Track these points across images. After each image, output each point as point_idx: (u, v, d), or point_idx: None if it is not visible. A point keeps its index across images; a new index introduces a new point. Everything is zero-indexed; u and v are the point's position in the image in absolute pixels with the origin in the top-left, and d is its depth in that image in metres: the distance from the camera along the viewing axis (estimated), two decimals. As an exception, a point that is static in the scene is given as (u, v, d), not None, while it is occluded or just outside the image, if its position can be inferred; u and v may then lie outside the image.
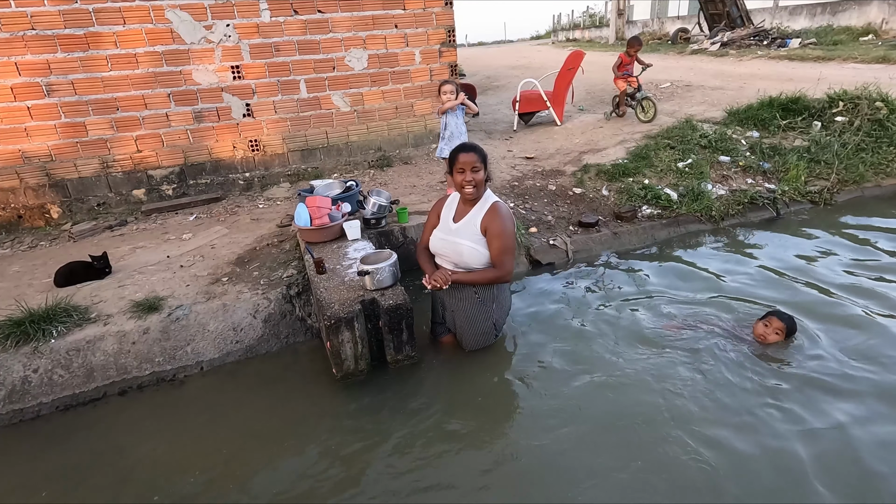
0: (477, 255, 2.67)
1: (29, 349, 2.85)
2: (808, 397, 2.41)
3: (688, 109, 6.91)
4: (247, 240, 4.06)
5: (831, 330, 2.89)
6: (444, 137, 4.42)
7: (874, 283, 3.35)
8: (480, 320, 2.79)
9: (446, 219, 2.81)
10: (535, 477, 2.15)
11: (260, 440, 2.47)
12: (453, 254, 2.73)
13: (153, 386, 2.94)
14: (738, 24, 14.57)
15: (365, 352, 2.70)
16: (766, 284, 3.46)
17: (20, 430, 2.70)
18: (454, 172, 2.66)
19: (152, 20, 4.62)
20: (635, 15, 25.07)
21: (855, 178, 4.95)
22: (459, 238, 2.70)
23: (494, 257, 2.65)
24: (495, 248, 2.64)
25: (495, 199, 2.73)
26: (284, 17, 5.02)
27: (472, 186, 2.62)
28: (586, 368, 2.73)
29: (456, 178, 2.65)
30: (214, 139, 5.17)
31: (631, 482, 2.07)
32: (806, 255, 3.83)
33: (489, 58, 19.99)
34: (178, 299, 3.23)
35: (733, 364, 2.65)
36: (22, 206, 4.76)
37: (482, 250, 2.66)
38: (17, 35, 4.31)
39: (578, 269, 3.89)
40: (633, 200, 4.60)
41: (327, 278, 2.94)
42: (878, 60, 9.19)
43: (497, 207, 2.68)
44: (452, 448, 2.33)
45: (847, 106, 5.77)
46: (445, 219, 2.81)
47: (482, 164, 2.62)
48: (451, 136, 4.37)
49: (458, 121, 4.37)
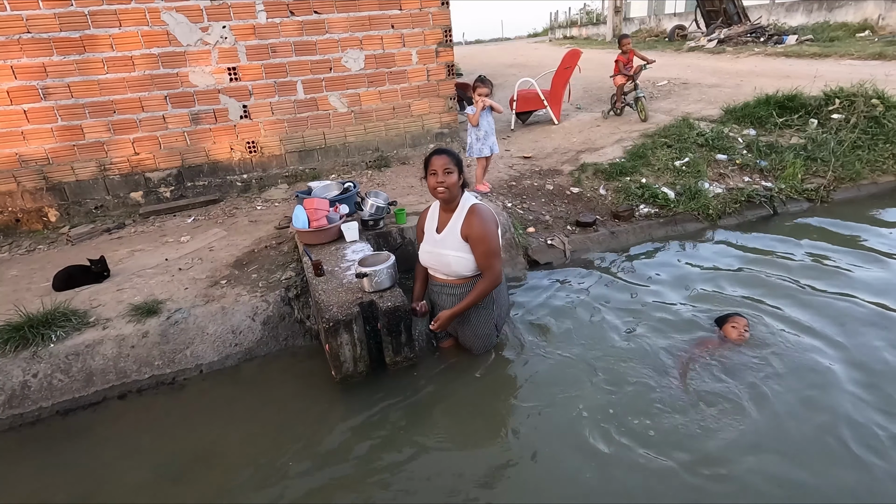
0: (464, 263, 2.66)
1: (28, 354, 2.85)
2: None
3: (685, 107, 6.93)
4: (245, 242, 4.06)
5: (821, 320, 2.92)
6: (478, 137, 4.47)
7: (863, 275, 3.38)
8: (482, 323, 2.79)
9: (430, 230, 2.79)
10: (535, 478, 2.16)
11: (259, 442, 2.48)
12: (442, 265, 2.72)
13: (153, 389, 2.94)
14: (735, 21, 14.59)
15: (364, 354, 2.71)
16: (759, 282, 3.48)
17: (20, 434, 2.70)
18: (427, 175, 2.64)
19: (148, 22, 4.61)
20: (632, 12, 25.03)
21: (851, 176, 4.96)
22: (444, 249, 2.68)
23: (481, 263, 2.62)
24: (480, 253, 2.60)
25: (474, 202, 2.67)
26: (281, 19, 5.01)
27: (445, 188, 2.59)
28: (584, 369, 2.74)
29: (430, 180, 2.62)
30: (212, 141, 5.17)
31: (633, 486, 2.08)
32: (799, 253, 3.84)
33: (486, 56, 19.98)
34: (177, 302, 3.23)
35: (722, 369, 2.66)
36: (19, 210, 4.75)
37: (467, 256, 2.64)
38: (13, 38, 4.30)
39: (576, 268, 3.90)
40: (630, 199, 4.61)
41: (325, 280, 2.94)
42: (874, 57, 9.21)
43: (476, 210, 2.63)
44: (452, 449, 2.34)
45: (843, 103, 5.78)
46: (430, 230, 2.79)
47: (455, 166, 2.59)
48: (486, 134, 4.46)
49: (489, 119, 4.48)
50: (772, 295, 3.29)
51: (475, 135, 4.47)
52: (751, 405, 2.39)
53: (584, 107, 8.07)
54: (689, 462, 2.13)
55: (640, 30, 21.29)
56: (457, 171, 2.60)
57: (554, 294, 3.55)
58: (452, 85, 5.94)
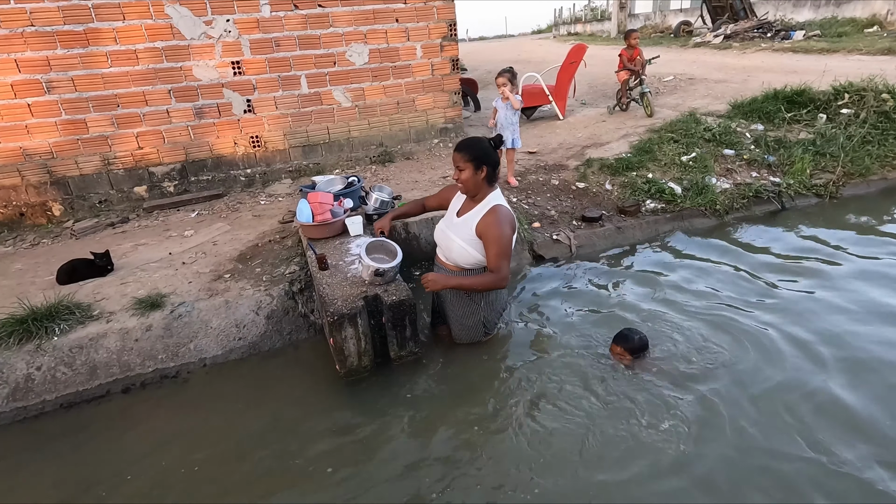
0: (465, 256, 2.66)
1: (32, 347, 2.85)
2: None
3: (691, 103, 6.87)
4: (249, 236, 4.04)
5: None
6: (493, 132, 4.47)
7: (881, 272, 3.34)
8: (467, 315, 2.79)
9: (452, 211, 2.80)
10: (541, 473, 2.14)
11: (263, 437, 2.47)
12: (445, 248, 2.76)
13: (156, 383, 2.93)
14: (742, 17, 14.46)
15: (368, 348, 2.69)
16: (761, 281, 3.45)
17: (24, 427, 2.70)
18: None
19: (152, 16, 4.60)
20: (637, 8, 24.85)
21: (861, 171, 4.91)
22: (454, 234, 2.68)
23: (492, 263, 2.59)
24: (492, 254, 2.57)
25: (497, 203, 2.63)
26: (285, 12, 4.98)
27: (461, 182, 2.62)
28: (590, 363, 2.72)
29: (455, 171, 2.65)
30: (215, 135, 5.15)
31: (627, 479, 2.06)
32: (808, 248, 3.80)
33: (491, 52, 19.89)
34: (181, 296, 3.22)
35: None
36: (24, 204, 4.75)
37: (472, 251, 2.64)
38: (17, 32, 4.29)
39: (581, 263, 3.87)
40: (636, 195, 4.57)
41: (330, 274, 2.92)
42: (883, 52, 9.10)
43: (496, 211, 2.59)
44: (457, 444, 2.32)
45: (852, 98, 5.72)
46: (451, 210, 2.80)
47: (468, 163, 2.55)
48: (501, 128, 4.45)
49: (507, 112, 4.45)
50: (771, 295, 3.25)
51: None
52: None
53: (589, 102, 8.01)
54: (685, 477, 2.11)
55: (646, 26, 21.14)
56: (471, 167, 2.56)
57: (558, 288, 3.53)
58: (457, 80, 5.90)
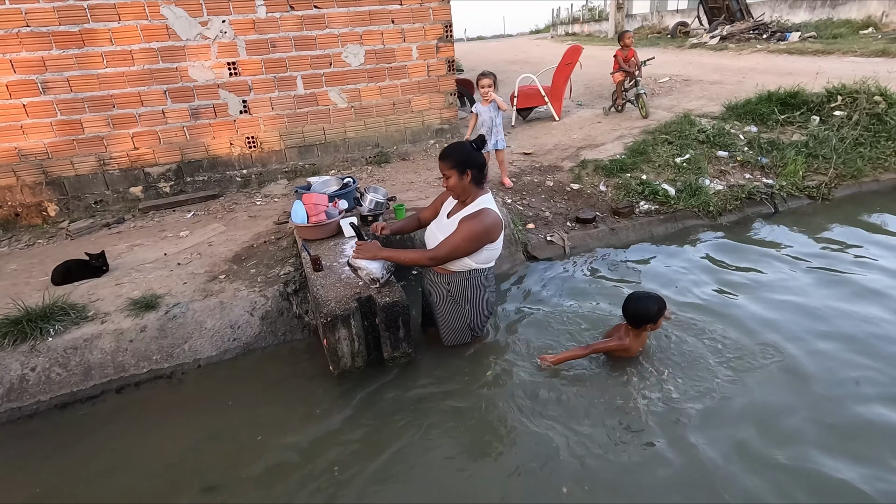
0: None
1: (26, 347, 2.85)
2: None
3: (686, 104, 6.90)
4: (244, 237, 4.05)
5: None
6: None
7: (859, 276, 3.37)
8: (453, 318, 2.79)
9: (443, 213, 2.81)
10: (535, 478, 2.16)
11: (258, 437, 2.48)
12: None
13: (151, 384, 2.94)
14: (738, 18, 14.51)
15: (362, 349, 2.71)
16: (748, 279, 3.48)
17: (18, 427, 2.71)
18: None
19: (147, 16, 4.60)
20: (634, 9, 24.86)
21: (853, 173, 4.94)
22: (441, 234, 2.68)
23: (442, 246, 2.56)
24: (450, 240, 2.54)
25: (486, 206, 2.59)
26: (280, 13, 4.99)
27: (449, 188, 2.63)
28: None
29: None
30: (211, 136, 5.16)
31: (617, 473, 2.08)
32: (801, 251, 3.84)
33: (488, 52, 19.91)
34: (176, 297, 3.23)
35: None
36: (19, 204, 4.75)
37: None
38: (12, 32, 4.28)
39: (574, 263, 3.89)
40: (630, 196, 4.59)
41: (324, 275, 2.94)
42: (877, 54, 9.15)
43: (481, 212, 2.56)
44: (451, 444, 2.34)
45: (845, 100, 5.75)
46: (443, 212, 2.81)
47: (452, 170, 2.54)
48: (487, 130, 4.45)
49: (492, 114, 4.46)
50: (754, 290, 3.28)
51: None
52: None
53: (585, 103, 8.04)
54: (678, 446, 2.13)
55: (643, 26, 21.19)
56: (456, 173, 2.55)
57: (551, 288, 3.55)
58: (453, 80, 5.92)
